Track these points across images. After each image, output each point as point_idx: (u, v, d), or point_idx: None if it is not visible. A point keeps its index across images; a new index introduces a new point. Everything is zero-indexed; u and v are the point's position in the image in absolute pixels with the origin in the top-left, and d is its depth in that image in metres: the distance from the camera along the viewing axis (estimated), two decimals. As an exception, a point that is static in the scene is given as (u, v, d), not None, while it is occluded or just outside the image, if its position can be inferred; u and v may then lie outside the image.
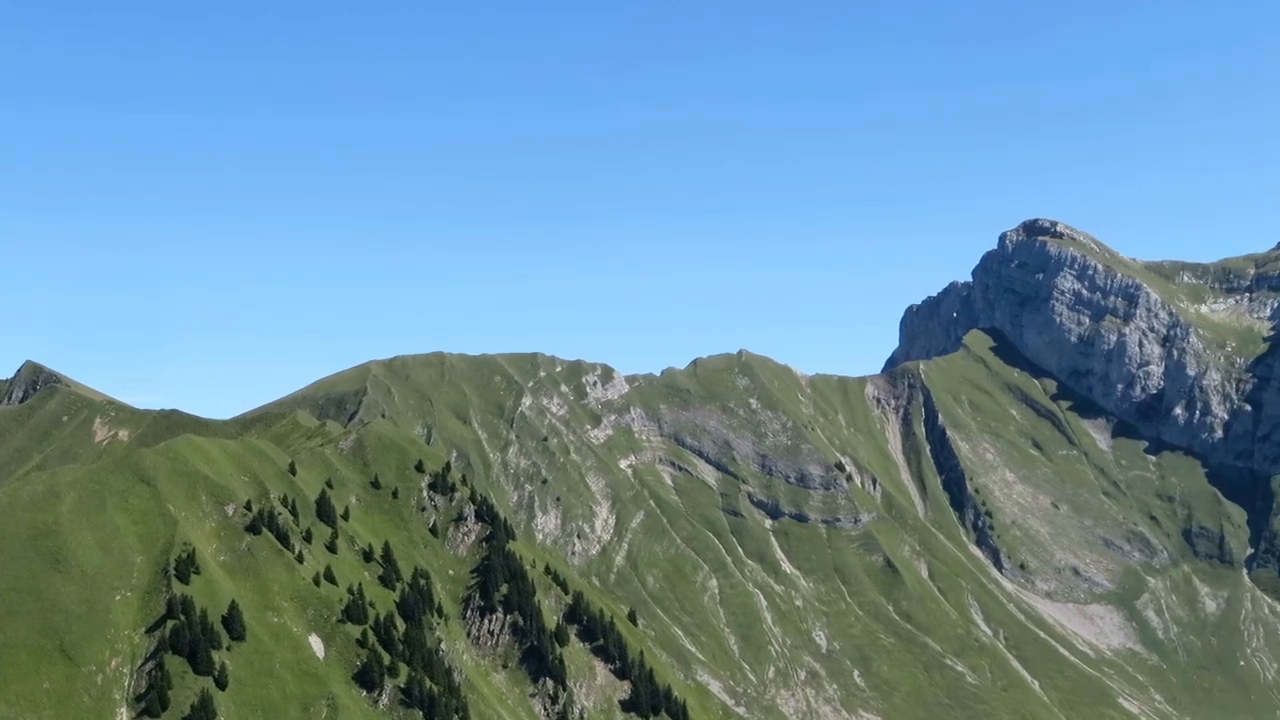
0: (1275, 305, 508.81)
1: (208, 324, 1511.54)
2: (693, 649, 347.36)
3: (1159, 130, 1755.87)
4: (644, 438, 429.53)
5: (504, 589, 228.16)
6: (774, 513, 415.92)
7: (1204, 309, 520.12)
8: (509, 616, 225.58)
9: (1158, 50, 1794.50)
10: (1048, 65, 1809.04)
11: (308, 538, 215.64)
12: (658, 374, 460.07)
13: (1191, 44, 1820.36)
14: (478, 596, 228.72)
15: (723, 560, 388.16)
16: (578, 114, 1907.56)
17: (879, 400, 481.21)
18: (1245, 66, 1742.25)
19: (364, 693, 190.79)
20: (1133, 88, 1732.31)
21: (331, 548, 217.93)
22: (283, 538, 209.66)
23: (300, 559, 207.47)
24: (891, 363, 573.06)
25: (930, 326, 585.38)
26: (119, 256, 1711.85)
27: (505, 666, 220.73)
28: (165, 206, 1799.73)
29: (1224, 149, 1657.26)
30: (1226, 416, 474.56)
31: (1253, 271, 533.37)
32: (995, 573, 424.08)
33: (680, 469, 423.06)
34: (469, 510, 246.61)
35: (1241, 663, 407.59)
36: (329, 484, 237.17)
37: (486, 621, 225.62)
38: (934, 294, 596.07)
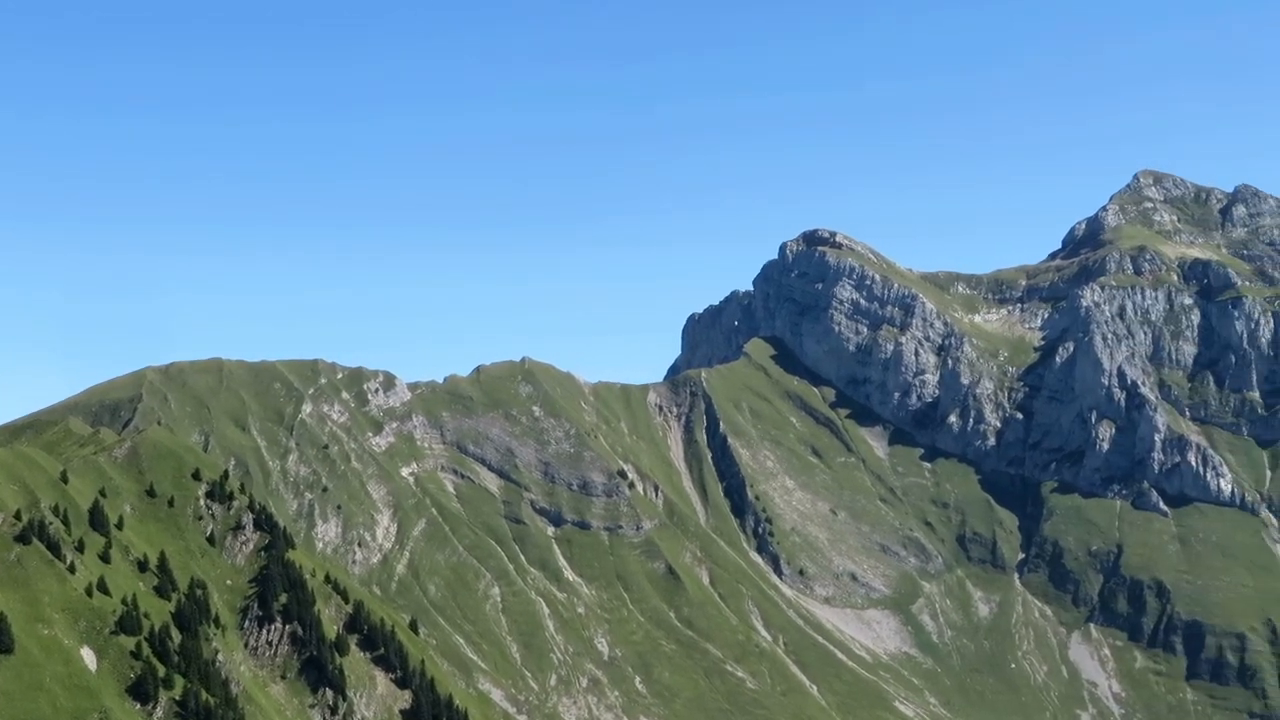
0: (1045, 316, 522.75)
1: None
2: (475, 657, 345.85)
3: (934, 142, 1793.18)
4: (426, 445, 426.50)
5: (283, 599, 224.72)
6: (556, 520, 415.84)
7: (977, 319, 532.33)
8: (288, 626, 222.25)
9: (933, 62, 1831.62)
10: (828, 75, 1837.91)
11: (80, 548, 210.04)
12: (440, 381, 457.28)
13: (967, 56, 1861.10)
14: (256, 606, 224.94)
15: (505, 568, 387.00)
16: (358, 124, 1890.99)
17: (661, 408, 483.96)
18: (1017, 80, 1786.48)
19: (138, 705, 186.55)
20: (909, 98, 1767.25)
21: (105, 558, 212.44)
22: (54, 548, 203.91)
23: (72, 569, 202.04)
24: (674, 371, 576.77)
25: (712, 335, 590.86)
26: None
27: (284, 677, 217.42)
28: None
29: (997, 161, 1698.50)
30: (999, 424, 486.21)
31: (1024, 283, 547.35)
32: (775, 579, 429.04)
33: (463, 477, 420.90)
34: (247, 519, 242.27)
35: (1012, 665, 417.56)
36: (102, 492, 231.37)
37: (265, 631, 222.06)
38: (716, 303, 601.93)
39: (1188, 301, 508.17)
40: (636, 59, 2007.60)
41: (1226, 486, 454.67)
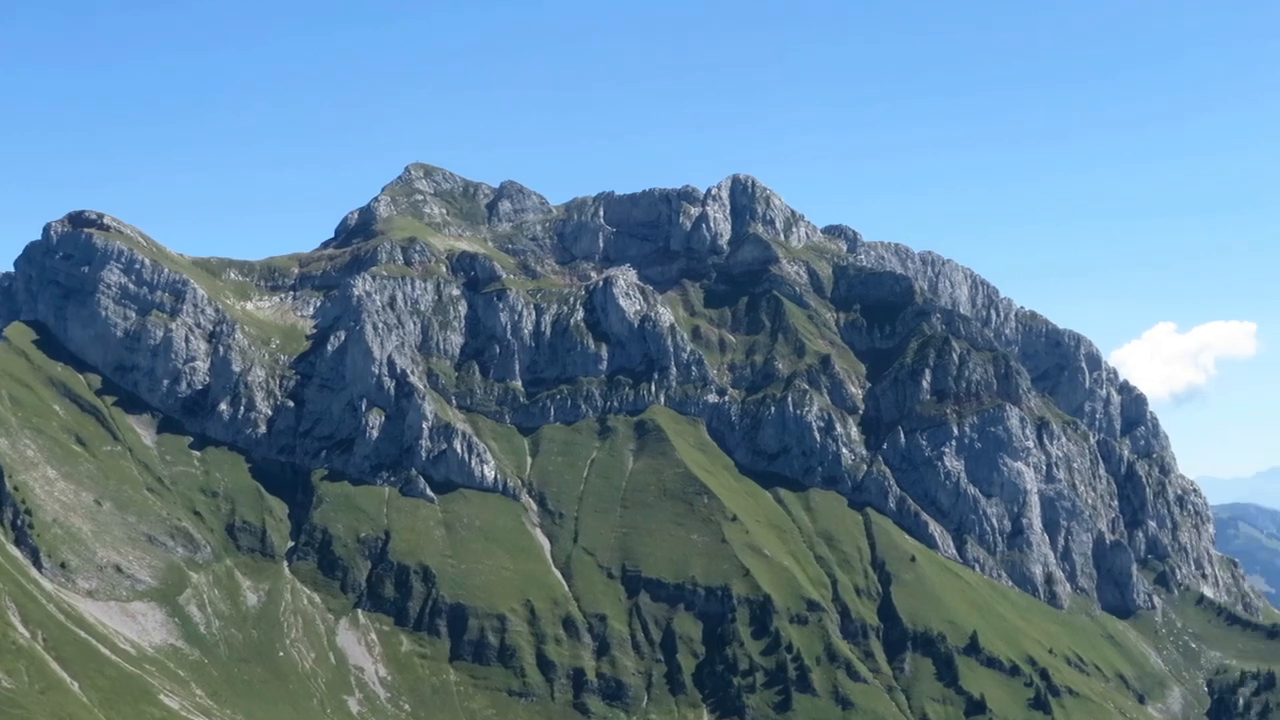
0: (318, 304, 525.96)
1: None
2: None
3: (198, 128, 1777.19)
4: None
5: None
6: None
7: (250, 306, 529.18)
8: None
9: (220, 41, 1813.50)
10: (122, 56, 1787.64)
11: None
12: None
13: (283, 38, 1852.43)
14: None
15: None
16: None
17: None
18: (306, 64, 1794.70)
19: None
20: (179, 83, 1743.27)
21: None
22: None
23: None
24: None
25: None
26: None
27: None
28: None
29: (270, 149, 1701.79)
30: (270, 412, 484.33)
31: (297, 270, 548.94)
32: (35, 573, 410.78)
33: None
34: None
35: (281, 653, 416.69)
36: None
37: None
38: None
39: (456, 293, 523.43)
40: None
41: (490, 473, 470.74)
